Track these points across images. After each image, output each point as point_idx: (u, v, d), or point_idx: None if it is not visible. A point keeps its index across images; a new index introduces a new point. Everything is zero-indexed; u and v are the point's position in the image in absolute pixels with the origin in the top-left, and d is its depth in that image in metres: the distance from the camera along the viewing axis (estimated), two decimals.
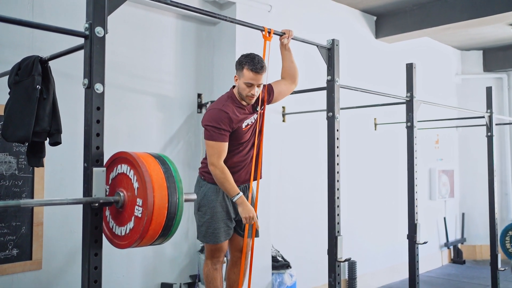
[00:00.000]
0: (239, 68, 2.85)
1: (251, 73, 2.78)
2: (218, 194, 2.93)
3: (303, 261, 4.63)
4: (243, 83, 2.82)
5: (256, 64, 2.78)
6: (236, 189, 2.82)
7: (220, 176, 2.79)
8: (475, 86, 7.18)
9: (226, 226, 2.95)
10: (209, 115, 2.84)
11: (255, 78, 2.79)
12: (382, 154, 5.74)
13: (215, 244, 2.96)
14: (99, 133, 1.83)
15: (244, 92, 2.85)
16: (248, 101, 2.88)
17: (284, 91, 3.12)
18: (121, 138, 3.53)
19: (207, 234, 2.93)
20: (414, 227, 3.67)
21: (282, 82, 3.13)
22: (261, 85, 2.86)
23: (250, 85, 2.81)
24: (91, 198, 1.77)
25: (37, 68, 2.17)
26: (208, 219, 2.92)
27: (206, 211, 2.93)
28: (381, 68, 5.78)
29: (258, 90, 2.84)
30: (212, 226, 2.91)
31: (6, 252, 2.90)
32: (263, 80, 2.84)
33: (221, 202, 2.93)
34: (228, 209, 2.94)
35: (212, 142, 2.79)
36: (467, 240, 7.28)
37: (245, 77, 2.81)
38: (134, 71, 3.66)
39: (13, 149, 2.94)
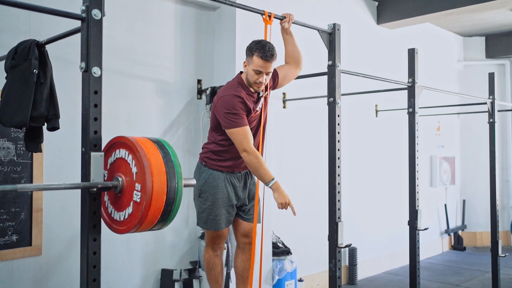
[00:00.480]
0: (249, 54, 2.80)
1: (261, 61, 2.73)
2: (219, 180, 2.90)
3: (304, 247, 4.63)
4: (252, 69, 2.77)
5: (266, 51, 2.73)
6: (270, 174, 2.73)
7: (254, 162, 2.70)
8: (477, 72, 7.13)
9: (227, 213, 2.92)
10: (223, 102, 2.76)
11: (264, 66, 2.74)
12: (383, 141, 5.72)
13: (216, 231, 2.94)
14: (97, 117, 1.81)
15: (252, 79, 2.80)
16: (256, 88, 2.83)
17: (289, 75, 3.08)
18: (121, 124, 3.50)
19: (208, 221, 2.90)
20: (415, 214, 3.66)
21: (286, 67, 3.08)
22: (270, 73, 2.81)
23: (259, 73, 2.76)
24: (89, 183, 1.75)
25: (34, 52, 2.14)
26: (209, 205, 2.89)
27: (207, 197, 2.90)
28: (383, 54, 5.73)
29: (266, 78, 2.80)
30: (213, 212, 2.89)
31: (6, 238, 2.90)
32: (272, 67, 2.79)
33: (222, 188, 2.90)
34: (229, 196, 2.91)
35: (236, 129, 2.71)
36: (467, 227, 7.29)
37: (254, 64, 2.76)
38: (133, 56, 3.62)
39: (12, 135, 2.92)
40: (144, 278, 3.64)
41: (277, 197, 2.74)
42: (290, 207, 2.76)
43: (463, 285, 5.15)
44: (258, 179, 2.78)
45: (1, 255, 2.88)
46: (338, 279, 2.86)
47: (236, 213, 3.02)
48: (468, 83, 7.20)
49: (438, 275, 5.59)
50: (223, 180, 2.90)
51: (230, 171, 2.92)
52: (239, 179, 2.95)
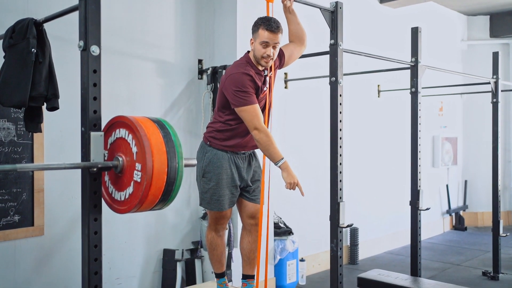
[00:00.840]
0: (255, 29, 2.77)
1: (266, 32, 2.70)
2: (223, 161, 2.88)
3: (305, 227, 4.65)
4: (259, 43, 2.73)
5: (271, 23, 2.71)
6: (280, 153, 2.70)
7: (265, 140, 2.67)
8: (481, 52, 7.05)
9: (230, 194, 2.91)
10: (232, 80, 2.72)
11: (270, 37, 2.70)
12: (385, 122, 5.70)
13: (219, 212, 2.93)
14: (96, 96, 1.79)
15: (259, 53, 2.75)
16: (264, 63, 2.77)
17: (294, 53, 3.04)
18: (121, 104, 3.48)
19: (212, 201, 2.88)
20: (416, 194, 3.67)
21: (291, 45, 3.04)
22: (277, 47, 2.76)
23: (265, 46, 2.72)
24: (89, 163, 1.75)
25: (31, 30, 2.11)
26: (213, 185, 2.86)
27: (211, 177, 2.87)
28: (385, 33, 5.67)
29: (274, 52, 2.75)
30: (217, 193, 2.86)
31: (8, 218, 2.91)
32: (279, 40, 2.74)
33: (226, 169, 2.88)
34: (233, 176, 2.89)
35: (246, 107, 2.67)
36: (469, 207, 7.31)
37: (260, 37, 2.72)
38: (133, 36, 3.59)
39: (12, 115, 2.91)
40: (146, 258, 3.67)
41: (285, 176, 2.72)
42: (298, 187, 2.75)
43: (463, 265, 5.18)
44: (268, 157, 2.75)
45: (4, 235, 2.89)
46: (340, 259, 2.87)
47: (240, 194, 3.00)
48: (472, 62, 7.14)
49: (439, 254, 5.63)
50: (228, 161, 2.87)
51: (235, 151, 2.90)
52: (243, 160, 2.93)
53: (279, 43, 2.75)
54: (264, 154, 2.75)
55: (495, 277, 4.62)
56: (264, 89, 2.85)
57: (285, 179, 2.72)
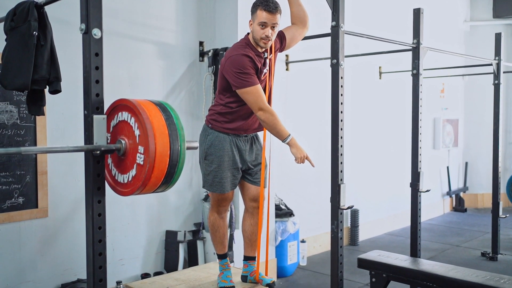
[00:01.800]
0: (253, 11, 2.76)
1: (264, 13, 2.69)
2: (225, 143, 2.89)
3: (306, 209, 4.69)
4: (257, 24, 2.71)
5: (269, 4, 2.70)
6: (286, 130, 2.72)
7: (271, 119, 2.68)
8: (484, 33, 7.01)
9: (232, 176, 2.93)
10: (232, 62, 2.71)
11: (268, 17, 2.69)
12: (386, 104, 5.69)
13: (221, 194, 2.95)
14: (98, 79, 1.80)
15: (258, 34, 2.73)
16: (263, 44, 2.75)
17: (296, 36, 3.02)
18: (122, 87, 3.49)
19: (214, 184, 2.91)
20: (417, 176, 3.69)
21: (293, 28, 3.02)
22: (275, 28, 2.74)
23: (264, 26, 2.70)
24: (92, 146, 1.76)
25: (32, 13, 2.11)
26: (215, 168, 2.88)
27: (213, 160, 2.89)
28: (387, 14, 5.63)
29: (272, 33, 2.73)
30: (219, 175, 2.88)
31: (12, 200, 2.94)
32: (277, 21, 2.73)
33: (228, 151, 2.89)
34: (235, 159, 2.91)
35: (249, 88, 2.66)
36: (469, 189, 7.34)
37: (258, 17, 2.71)
38: (134, 18, 3.57)
39: (14, 98, 2.92)
40: (149, 239, 3.71)
41: (295, 152, 2.75)
42: (308, 160, 2.78)
43: (463, 245, 5.23)
44: (275, 136, 2.76)
45: (8, 216, 2.93)
46: (340, 240, 2.90)
47: (243, 177, 3.02)
48: (474, 44, 7.09)
49: (439, 235, 5.68)
50: (229, 143, 2.89)
51: (237, 133, 2.91)
52: (245, 143, 2.94)
53: (277, 24, 2.73)
54: (272, 133, 2.76)
55: (494, 257, 4.68)
56: (264, 71, 2.84)
57: (295, 154, 2.76)
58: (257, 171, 2.99)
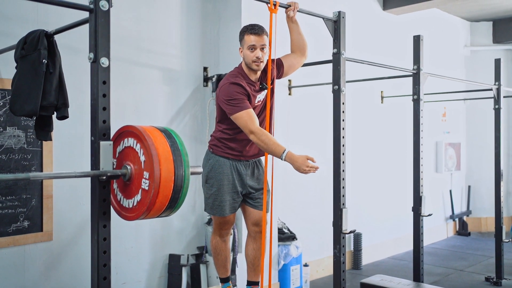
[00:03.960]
0: (241, 37, 2.88)
1: (252, 36, 2.81)
2: (225, 167, 2.94)
3: (309, 233, 4.69)
4: (247, 48, 2.82)
5: (254, 27, 2.83)
6: (281, 146, 2.68)
7: (263, 139, 2.67)
8: (484, 58, 7.08)
9: (232, 200, 2.97)
10: (223, 91, 2.80)
11: (256, 39, 2.80)
12: (388, 127, 5.74)
13: (221, 217, 2.99)
14: (105, 107, 1.85)
15: (249, 58, 2.82)
16: (255, 66, 2.83)
17: (294, 64, 3.10)
18: (128, 112, 3.54)
19: (214, 207, 2.96)
20: (419, 200, 3.70)
21: (291, 56, 3.10)
22: (265, 49, 2.83)
23: (253, 49, 2.81)
24: (99, 171, 1.80)
25: (42, 42, 2.18)
26: (215, 191, 2.94)
27: (213, 183, 2.95)
28: (388, 40, 5.71)
29: (262, 54, 2.82)
30: (219, 198, 2.93)
31: (18, 223, 2.97)
32: (265, 42, 2.82)
33: (228, 175, 2.94)
34: (234, 182, 2.95)
35: (239, 113, 2.72)
36: (472, 213, 7.32)
37: (246, 42, 2.82)
38: (139, 44, 3.65)
39: (22, 123, 2.97)
40: (152, 263, 3.72)
41: (297, 167, 2.65)
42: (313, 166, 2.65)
43: (466, 270, 5.20)
44: (272, 155, 2.75)
45: (13, 240, 2.95)
46: (343, 264, 2.91)
47: (244, 201, 3.06)
48: (475, 68, 7.17)
49: (442, 260, 5.65)
50: (229, 167, 2.94)
51: (237, 158, 2.96)
52: (245, 167, 2.99)
53: (265, 45, 2.83)
54: (268, 153, 2.78)
55: (498, 282, 4.64)
56: (259, 97, 2.91)
57: (298, 169, 2.66)
58: (259, 195, 3.03)
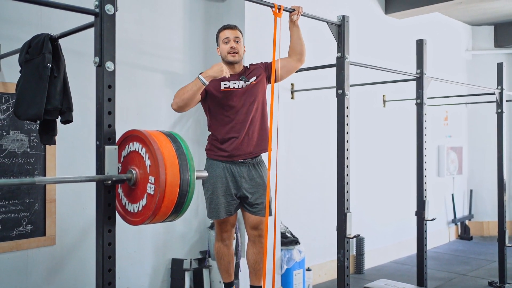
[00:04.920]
0: (217, 36, 3.15)
1: (226, 30, 3.07)
2: (218, 169, 2.98)
3: (312, 237, 4.67)
4: (222, 42, 3.06)
5: (229, 24, 3.14)
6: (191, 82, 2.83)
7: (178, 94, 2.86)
8: (486, 62, 7.08)
9: (226, 202, 2.99)
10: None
11: (230, 32, 3.05)
12: (390, 131, 5.73)
13: (219, 220, 3.03)
14: (110, 111, 1.85)
15: (224, 50, 3.05)
16: (231, 57, 3.03)
17: (288, 67, 3.11)
18: (131, 115, 3.54)
19: (210, 210, 3.02)
20: (422, 204, 3.69)
21: (285, 59, 3.12)
22: (239, 42, 3.05)
23: (227, 41, 3.03)
24: (104, 176, 1.79)
25: (47, 46, 2.18)
26: (210, 194, 3.00)
27: (208, 187, 3.02)
28: (391, 44, 5.72)
29: (236, 46, 3.02)
30: (214, 201, 2.98)
31: (21, 228, 2.96)
32: (239, 35, 3.06)
33: (221, 177, 2.98)
34: (228, 185, 2.98)
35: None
36: (474, 217, 7.30)
37: (221, 37, 3.08)
38: (143, 48, 3.65)
39: (25, 127, 2.97)
40: (155, 267, 3.70)
41: (214, 73, 2.79)
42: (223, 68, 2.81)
43: (469, 275, 5.18)
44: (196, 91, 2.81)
45: (16, 244, 2.94)
46: (347, 269, 2.90)
47: (242, 206, 3.07)
48: (477, 72, 7.17)
49: (445, 264, 5.63)
50: (222, 169, 2.99)
51: (230, 160, 2.98)
52: (240, 169, 3.00)
53: (239, 38, 3.06)
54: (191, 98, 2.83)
55: (501, 287, 4.63)
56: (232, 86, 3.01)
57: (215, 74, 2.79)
58: (256, 201, 3.03)
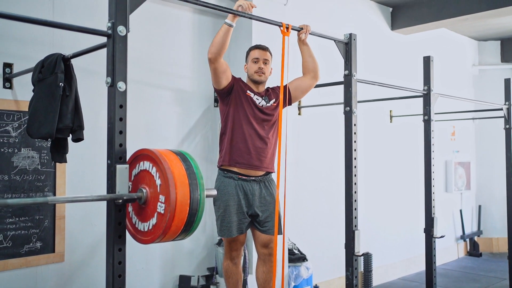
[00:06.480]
0: (247, 53, 3.18)
1: (256, 50, 3.11)
2: (230, 187, 2.97)
3: (320, 254, 4.65)
4: (251, 61, 3.10)
5: (260, 44, 3.16)
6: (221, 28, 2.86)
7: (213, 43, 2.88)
8: (493, 77, 7.09)
9: (238, 220, 2.98)
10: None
11: (260, 53, 3.09)
12: (398, 147, 5.72)
13: (230, 238, 3.01)
14: (122, 130, 1.87)
15: (252, 69, 3.09)
16: (257, 77, 3.07)
17: (303, 86, 3.14)
18: (140, 132, 3.57)
19: (222, 228, 2.99)
20: (431, 221, 3.67)
21: (299, 79, 3.16)
22: (267, 64, 3.10)
23: (257, 61, 3.08)
24: (115, 195, 1.81)
25: (60, 66, 2.22)
26: (222, 212, 2.98)
27: (220, 205, 2.99)
28: (397, 59, 5.74)
29: (264, 67, 3.07)
30: (226, 219, 2.96)
31: (30, 244, 2.97)
32: (268, 57, 3.10)
33: (233, 195, 2.97)
34: (240, 203, 2.97)
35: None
36: (483, 233, 7.24)
37: (251, 56, 3.11)
38: (151, 65, 3.69)
39: (36, 144, 3.00)
40: (162, 284, 3.70)
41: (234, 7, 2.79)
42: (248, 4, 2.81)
43: None
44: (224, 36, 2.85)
45: (26, 261, 2.95)
46: (355, 287, 2.88)
47: (253, 224, 3.07)
48: (484, 87, 7.17)
49: (454, 281, 5.57)
50: (234, 187, 2.97)
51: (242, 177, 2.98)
52: (252, 186, 3.01)
53: (268, 60, 3.11)
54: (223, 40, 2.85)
55: None
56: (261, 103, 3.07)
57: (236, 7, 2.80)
58: (266, 219, 3.03)
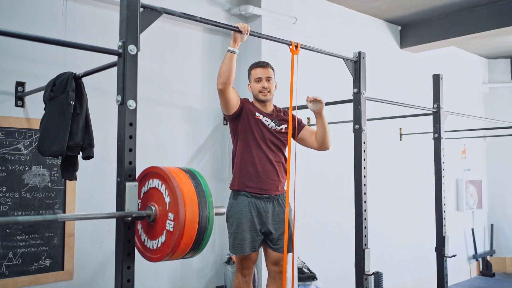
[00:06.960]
0: (249, 72, 3.15)
1: (258, 69, 3.07)
2: (243, 205, 2.96)
3: (329, 272, 4.60)
4: (254, 81, 3.08)
5: (260, 61, 3.13)
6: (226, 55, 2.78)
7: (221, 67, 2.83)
8: (503, 94, 7.07)
9: (251, 238, 2.96)
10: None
11: (262, 71, 3.06)
12: (407, 165, 5.69)
13: (242, 255, 2.99)
14: (131, 148, 1.88)
15: (256, 89, 3.06)
16: (262, 96, 3.05)
17: (307, 142, 3.19)
18: (149, 150, 3.58)
19: (234, 245, 2.96)
20: (442, 240, 3.63)
21: (310, 132, 3.17)
22: (271, 80, 3.07)
23: (259, 80, 3.05)
24: (124, 212, 1.81)
25: (71, 84, 2.25)
26: (234, 229, 2.97)
27: (233, 222, 2.98)
28: (406, 78, 5.74)
29: (268, 85, 3.05)
30: (238, 237, 2.94)
31: (40, 262, 2.97)
32: (270, 74, 3.07)
33: (246, 213, 2.95)
34: (253, 221, 2.96)
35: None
36: (496, 252, 7.13)
37: (253, 75, 3.08)
38: (161, 84, 3.72)
39: (46, 162, 3.02)
40: None
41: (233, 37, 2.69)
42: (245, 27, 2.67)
43: None
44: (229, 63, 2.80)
45: (35, 279, 2.95)
46: None
47: (265, 241, 3.05)
48: (494, 105, 7.14)
49: None
50: (247, 205, 2.96)
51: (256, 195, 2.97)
52: (265, 204, 2.99)
53: (271, 77, 3.08)
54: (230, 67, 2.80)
55: None
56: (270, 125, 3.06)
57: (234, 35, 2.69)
58: (278, 237, 3.02)
